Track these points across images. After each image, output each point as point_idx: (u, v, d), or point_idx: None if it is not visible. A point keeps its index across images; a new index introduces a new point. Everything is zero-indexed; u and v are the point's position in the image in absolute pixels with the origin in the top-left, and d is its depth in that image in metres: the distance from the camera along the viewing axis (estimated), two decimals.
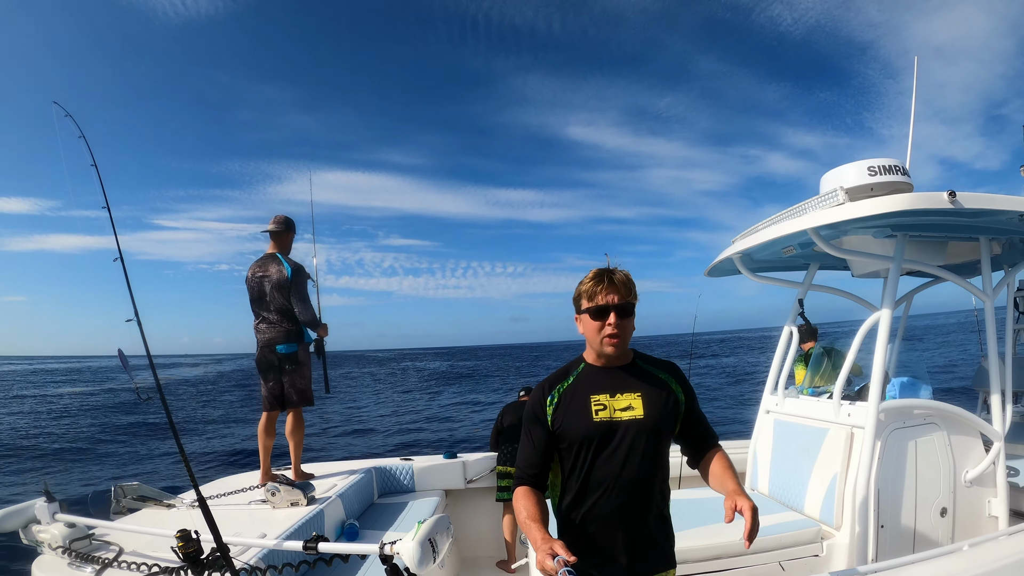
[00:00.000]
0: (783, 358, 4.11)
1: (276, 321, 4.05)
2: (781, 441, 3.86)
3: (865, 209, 2.87)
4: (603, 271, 1.84)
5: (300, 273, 4.13)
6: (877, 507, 3.01)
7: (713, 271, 4.36)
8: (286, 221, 4.25)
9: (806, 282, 4.13)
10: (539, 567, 1.46)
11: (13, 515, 2.80)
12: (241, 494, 3.72)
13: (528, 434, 1.86)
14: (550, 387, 1.86)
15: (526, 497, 1.73)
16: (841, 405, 3.36)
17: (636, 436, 1.75)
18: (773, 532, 3.12)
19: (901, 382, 3.29)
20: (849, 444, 3.18)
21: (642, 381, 1.84)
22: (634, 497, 1.76)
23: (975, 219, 3.12)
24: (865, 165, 3.34)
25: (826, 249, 3.23)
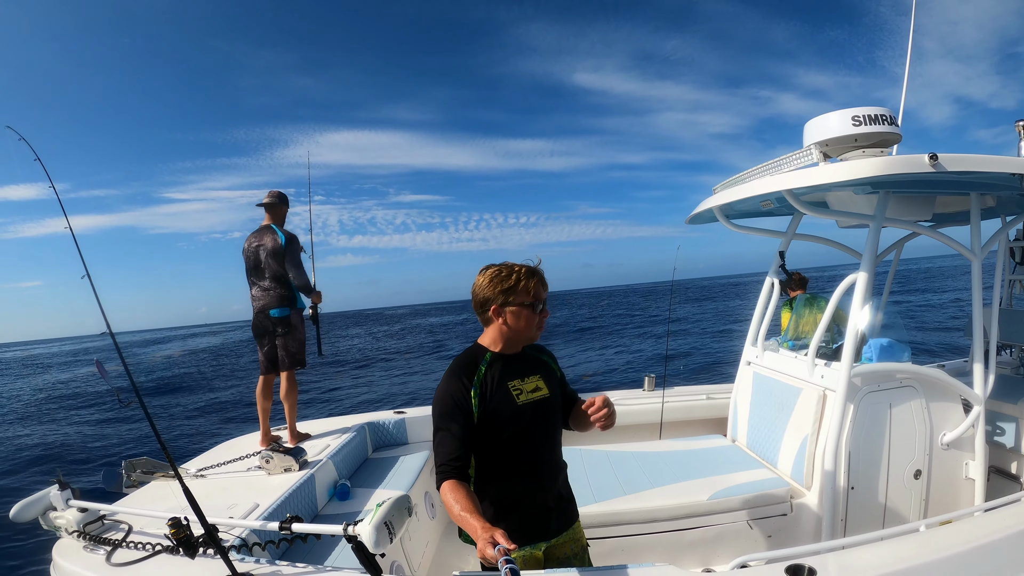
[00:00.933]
0: (764, 310, 4.07)
1: (270, 287, 4.25)
2: (759, 395, 3.89)
3: (838, 173, 2.74)
4: (535, 269, 1.98)
5: (294, 242, 4.30)
6: (848, 469, 3.05)
7: (694, 219, 4.26)
8: (279, 195, 4.43)
9: (789, 232, 4.00)
10: (480, 556, 1.56)
11: (31, 505, 3.05)
12: (240, 461, 3.97)
13: (446, 425, 1.88)
14: (468, 378, 1.91)
15: (455, 490, 1.78)
16: (816, 365, 3.34)
17: (549, 413, 2.01)
18: (743, 491, 3.21)
19: (880, 344, 3.23)
20: (821, 406, 3.20)
21: (535, 364, 2.07)
22: (553, 466, 2.04)
23: (965, 175, 2.95)
24: (850, 115, 3.14)
25: (802, 210, 3.13)
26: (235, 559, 2.40)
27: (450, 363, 2.01)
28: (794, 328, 4.09)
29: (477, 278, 1.98)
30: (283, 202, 4.43)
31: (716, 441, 4.09)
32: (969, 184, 3.09)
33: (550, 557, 2.06)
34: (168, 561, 2.59)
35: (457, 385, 1.90)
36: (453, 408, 1.88)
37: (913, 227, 3.28)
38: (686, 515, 3.15)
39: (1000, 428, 3.55)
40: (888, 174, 2.64)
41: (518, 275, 1.92)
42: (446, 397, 1.90)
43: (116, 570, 2.60)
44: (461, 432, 1.86)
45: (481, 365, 1.95)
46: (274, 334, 4.28)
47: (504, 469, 1.94)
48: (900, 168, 2.64)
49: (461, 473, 1.84)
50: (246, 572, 2.38)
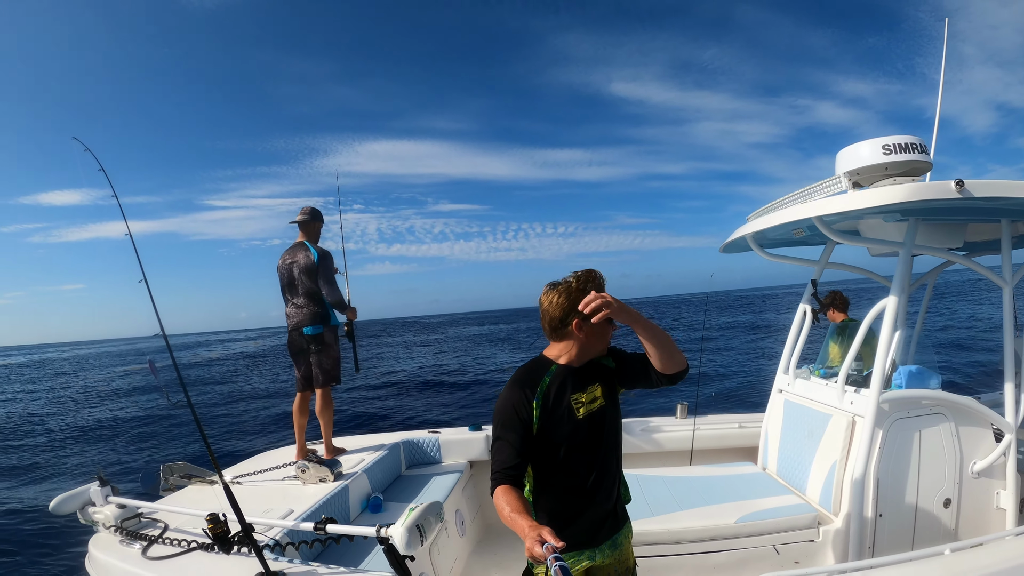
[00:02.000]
0: (796, 337, 4.07)
1: (303, 304, 4.33)
2: (790, 422, 3.88)
3: (866, 200, 2.79)
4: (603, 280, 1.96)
5: (327, 258, 4.36)
6: (876, 496, 3.02)
7: (728, 247, 4.31)
8: (312, 211, 4.50)
9: (822, 261, 4.03)
10: (528, 555, 1.55)
11: (71, 499, 3.20)
12: (276, 470, 4.08)
13: (505, 434, 1.90)
14: (531, 389, 1.92)
15: (507, 493, 1.79)
16: (845, 392, 3.34)
17: (608, 423, 1.97)
18: (770, 515, 3.19)
19: (909, 371, 3.22)
20: (850, 432, 3.18)
21: (595, 371, 2.02)
22: (610, 477, 2.01)
23: (994, 202, 2.97)
24: (880, 143, 3.21)
25: (832, 237, 3.16)
26: (268, 559, 2.49)
27: (514, 372, 2.01)
28: (824, 357, 4.08)
29: (548, 295, 1.95)
30: (316, 219, 4.50)
31: (746, 468, 4.07)
32: (999, 211, 3.10)
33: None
34: (202, 558, 2.70)
35: (519, 396, 1.90)
36: (514, 418, 1.88)
37: (944, 255, 3.30)
38: (712, 537, 3.14)
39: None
40: (915, 200, 2.68)
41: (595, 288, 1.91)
42: (507, 407, 1.90)
43: (151, 563, 2.71)
44: (519, 442, 1.87)
45: (545, 377, 1.95)
46: (308, 352, 4.35)
47: (562, 480, 1.94)
48: (926, 195, 2.68)
49: (515, 480, 1.85)
50: (279, 571, 2.47)
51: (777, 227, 3.65)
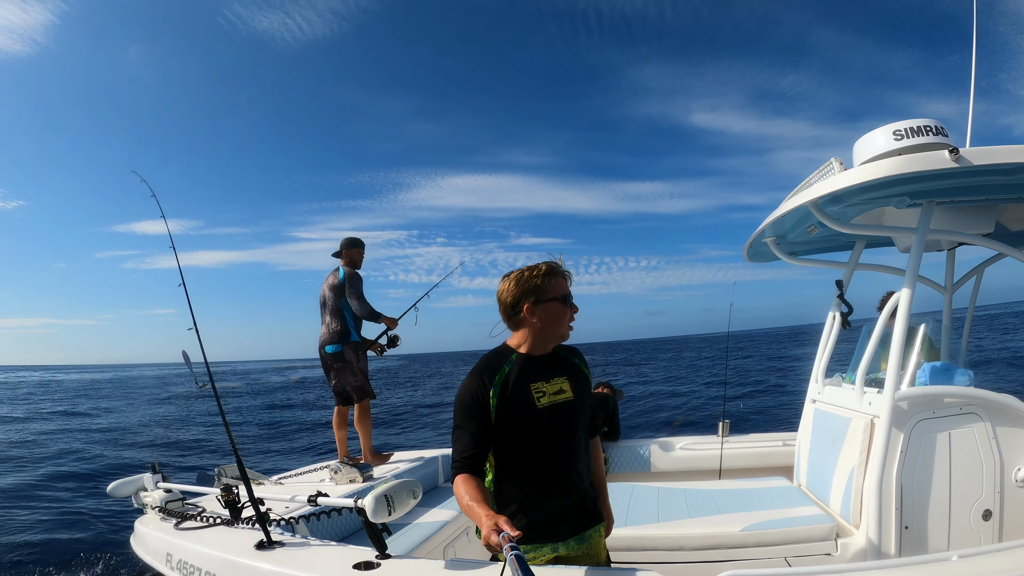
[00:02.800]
0: (826, 344, 3.79)
1: (327, 323, 4.68)
2: (818, 431, 3.60)
3: (851, 178, 2.69)
4: (557, 266, 1.99)
5: (354, 277, 4.70)
6: (900, 506, 2.73)
7: (752, 255, 4.16)
8: (346, 240, 4.92)
9: (851, 262, 3.75)
10: (484, 543, 1.57)
11: (127, 484, 3.69)
12: (316, 472, 4.39)
13: (464, 423, 1.90)
14: (489, 378, 1.91)
15: (465, 482, 1.80)
16: (864, 392, 3.07)
17: (572, 416, 1.95)
18: (782, 525, 2.97)
19: (932, 367, 2.90)
20: (868, 435, 2.92)
21: (563, 366, 2.02)
22: (574, 471, 1.97)
23: (1013, 176, 2.71)
24: (892, 129, 3.06)
25: (832, 226, 3.01)
26: (275, 531, 2.75)
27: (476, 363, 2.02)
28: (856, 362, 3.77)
29: (501, 284, 1.98)
30: (350, 246, 4.86)
31: (776, 482, 3.79)
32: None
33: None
34: (220, 530, 3.02)
35: (477, 384, 1.90)
36: (472, 406, 1.88)
37: (965, 238, 3.00)
38: (715, 546, 2.96)
39: None
40: (900, 173, 2.54)
41: (544, 272, 1.94)
42: (465, 395, 1.90)
43: (179, 533, 3.08)
44: (477, 430, 1.87)
45: (505, 366, 1.94)
46: (331, 369, 4.68)
47: (522, 470, 1.93)
48: (915, 166, 2.53)
49: (474, 469, 1.86)
50: (279, 541, 2.71)
51: (792, 227, 3.53)
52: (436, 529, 3.40)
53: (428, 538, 3.27)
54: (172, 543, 2.99)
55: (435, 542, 3.33)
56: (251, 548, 2.61)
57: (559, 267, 1.99)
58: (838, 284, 3.69)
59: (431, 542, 3.28)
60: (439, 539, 3.38)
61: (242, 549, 2.62)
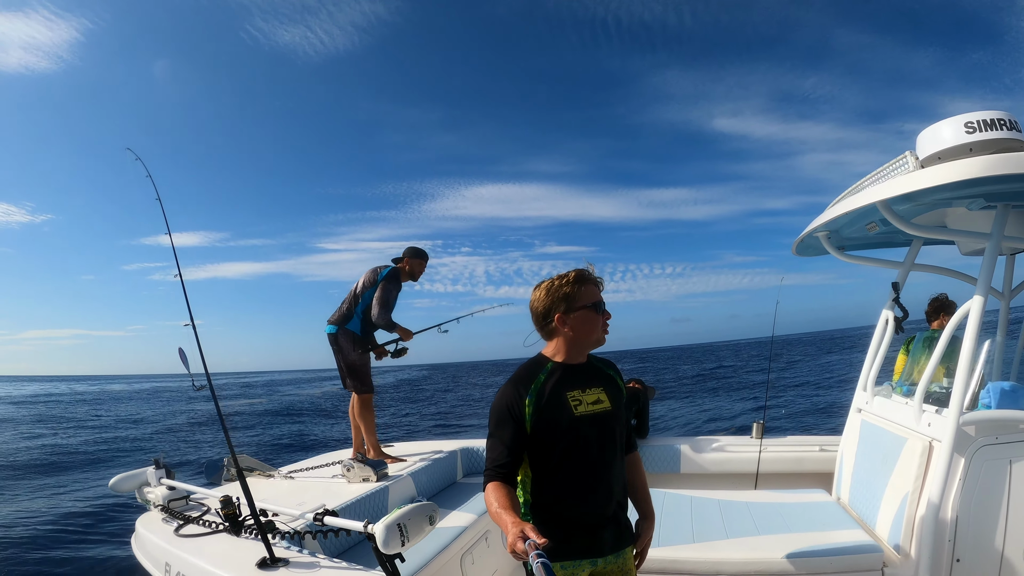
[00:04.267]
0: (876, 350, 3.52)
1: (341, 303, 4.50)
2: (865, 445, 3.35)
3: (932, 178, 2.38)
4: (586, 273, 1.96)
5: (393, 281, 4.44)
6: (954, 537, 2.51)
7: (801, 249, 3.87)
8: (409, 249, 4.68)
9: (907, 262, 3.44)
10: (510, 550, 1.55)
11: (130, 478, 3.50)
12: (329, 467, 4.21)
13: (500, 432, 1.89)
14: (524, 387, 1.89)
15: (496, 490, 1.80)
16: (924, 411, 2.82)
17: (609, 426, 1.92)
18: (827, 553, 2.75)
19: (1001, 388, 2.64)
20: (926, 459, 2.68)
21: (599, 376, 2.00)
22: (609, 483, 1.92)
23: None
24: (963, 121, 2.73)
25: (900, 226, 2.72)
26: (281, 545, 2.56)
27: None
28: (910, 372, 3.51)
29: (532, 294, 1.98)
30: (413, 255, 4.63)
31: (815, 496, 3.57)
32: None
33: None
34: (223, 540, 2.82)
35: (513, 394, 1.89)
36: (507, 415, 1.88)
37: None
38: (755, 572, 2.76)
39: None
40: (989, 175, 2.24)
41: (574, 280, 1.93)
42: (501, 405, 1.91)
43: (179, 541, 2.88)
44: (511, 440, 1.86)
45: (540, 375, 1.92)
46: (333, 353, 4.50)
47: (559, 480, 1.89)
48: (1005, 168, 2.23)
49: (506, 478, 1.85)
50: (283, 558, 2.52)
51: (848, 222, 3.23)
52: (455, 536, 3.20)
53: (446, 547, 3.08)
54: (171, 553, 2.81)
55: (453, 550, 3.14)
56: (252, 566, 2.43)
57: (589, 274, 1.97)
58: (894, 286, 3.39)
59: (449, 551, 3.09)
60: (457, 547, 3.19)
61: (242, 567, 2.44)
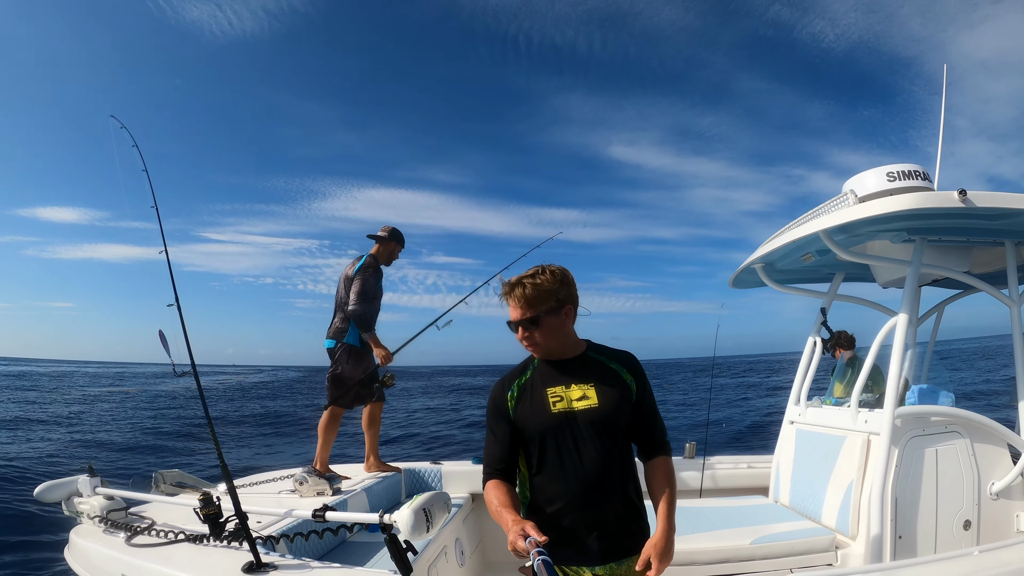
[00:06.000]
0: (807, 368, 4.04)
1: (334, 313, 4.21)
2: (802, 451, 3.79)
3: (872, 209, 2.88)
4: (508, 285, 1.87)
5: (368, 269, 4.13)
6: (895, 516, 2.92)
7: (737, 282, 4.35)
8: (391, 231, 4.36)
9: (831, 292, 4.06)
10: (511, 548, 1.55)
11: (57, 487, 3.07)
12: (274, 483, 3.93)
13: (492, 430, 1.90)
14: (509, 383, 1.91)
15: (495, 488, 1.80)
16: (859, 412, 3.28)
17: (592, 424, 1.80)
18: (785, 538, 3.06)
19: (920, 388, 3.19)
20: (866, 451, 3.11)
21: (594, 371, 1.88)
22: (596, 484, 1.79)
23: (998, 222, 3.05)
24: (884, 171, 3.34)
25: (840, 253, 3.21)
26: (261, 551, 2.38)
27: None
28: (834, 389, 4.05)
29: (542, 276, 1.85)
30: (394, 238, 4.34)
31: (757, 500, 3.94)
32: (1003, 232, 3.18)
33: None
34: (189, 548, 2.57)
35: (499, 390, 1.92)
36: (494, 412, 1.90)
37: (953, 274, 3.32)
38: (727, 559, 2.99)
39: None
40: (919, 208, 2.76)
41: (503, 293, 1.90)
42: (490, 404, 1.92)
43: (136, 550, 2.59)
44: (503, 436, 1.86)
45: (528, 370, 1.92)
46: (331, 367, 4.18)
47: (540, 476, 1.85)
48: (930, 203, 2.77)
49: (504, 475, 1.84)
50: (270, 563, 2.35)
51: (786, 254, 3.71)
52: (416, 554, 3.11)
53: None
54: (129, 563, 2.52)
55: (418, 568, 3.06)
56: (238, 572, 2.26)
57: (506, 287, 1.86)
58: (823, 311, 3.95)
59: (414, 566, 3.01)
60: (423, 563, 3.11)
61: (226, 574, 2.25)
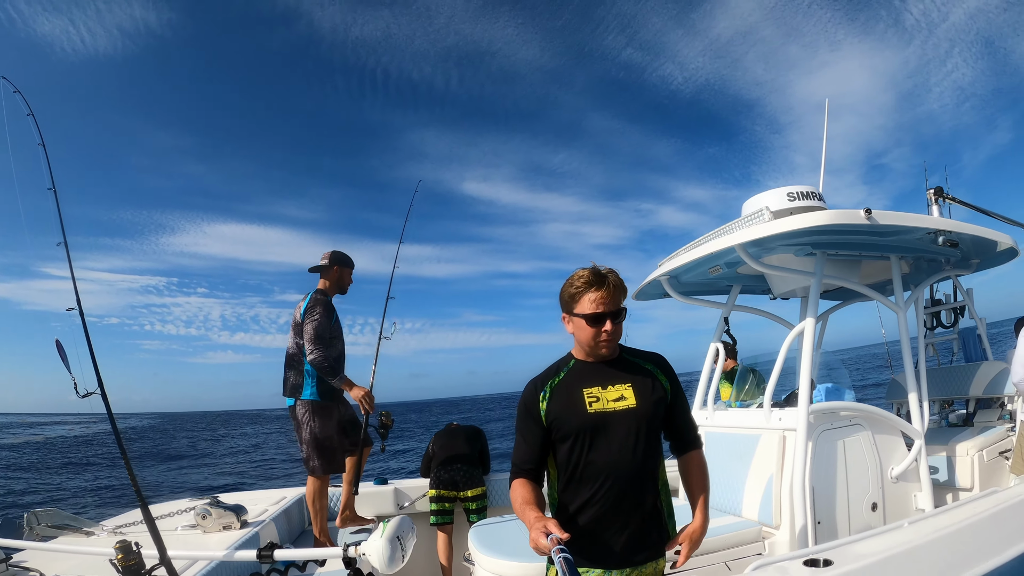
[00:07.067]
0: (710, 374, 4.31)
1: (286, 366, 3.66)
2: (713, 452, 3.97)
3: (791, 224, 3.13)
4: (597, 274, 1.81)
5: (317, 306, 3.59)
6: (813, 504, 3.19)
7: (641, 295, 4.55)
8: (332, 255, 3.83)
9: (730, 302, 4.40)
10: (533, 546, 1.53)
11: None
12: (170, 518, 3.48)
13: (522, 430, 1.88)
14: (542, 383, 1.88)
15: (522, 486, 1.78)
16: (772, 411, 3.56)
17: (630, 425, 1.79)
18: (716, 534, 3.22)
19: (826, 388, 3.54)
20: (782, 447, 3.37)
21: (630, 372, 1.88)
22: (630, 486, 1.80)
23: (886, 238, 3.46)
24: (784, 192, 3.66)
25: (753, 265, 3.45)
26: None
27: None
28: (737, 394, 4.35)
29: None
30: (338, 262, 3.81)
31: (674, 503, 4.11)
32: (890, 247, 3.62)
33: None
34: None
35: (531, 391, 1.88)
36: (525, 413, 1.87)
37: (850, 284, 3.71)
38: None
39: (935, 468, 3.88)
40: (833, 224, 3.06)
41: (582, 283, 1.81)
42: (521, 404, 1.90)
43: None
44: (533, 437, 1.84)
45: (562, 371, 1.90)
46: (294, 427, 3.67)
47: (573, 477, 1.83)
48: (843, 219, 3.08)
49: (531, 475, 1.84)
50: None
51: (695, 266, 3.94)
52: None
53: None
54: None
55: None
56: None
57: (600, 280, 1.80)
58: (725, 320, 4.25)
59: None
60: None
61: None
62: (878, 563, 2.07)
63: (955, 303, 4.81)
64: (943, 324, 4.92)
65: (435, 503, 4.41)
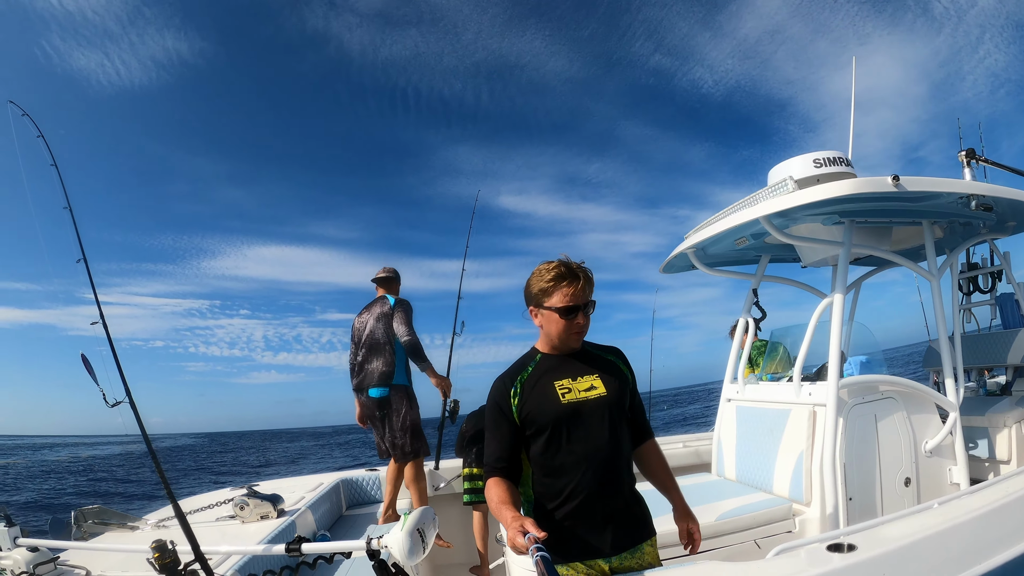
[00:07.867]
0: (740, 347, 4.24)
1: (368, 359, 3.98)
2: (745, 426, 3.96)
3: (815, 194, 3.02)
4: (569, 268, 1.84)
5: (404, 303, 4.13)
6: (844, 480, 3.12)
7: (668, 267, 4.47)
8: (394, 271, 4.36)
9: (758, 273, 4.28)
10: (510, 544, 1.53)
11: None
12: (208, 510, 3.60)
13: (493, 429, 1.88)
14: (510, 380, 1.89)
15: (497, 485, 1.79)
16: (802, 386, 3.49)
17: (604, 413, 1.84)
18: (746, 511, 3.19)
19: (860, 361, 3.45)
20: (812, 422, 3.30)
21: (595, 363, 1.94)
22: (608, 473, 1.83)
23: (917, 203, 3.31)
24: (811, 158, 3.53)
25: (779, 236, 3.36)
26: None
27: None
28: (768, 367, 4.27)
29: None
30: (398, 277, 4.37)
31: (704, 478, 4.08)
32: (922, 213, 3.47)
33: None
34: None
35: (500, 387, 1.89)
36: (495, 410, 1.88)
37: (880, 253, 3.59)
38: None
39: (973, 442, 3.77)
40: (859, 193, 2.94)
41: (552, 277, 1.83)
42: (490, 400, 1.91)
43: None
44: (503, 434, 1.85)
45: (529, 366, 1.91)
46: (375, 418, 4.00)
47: (550, 471, 1.84)
48: (869, 188, 2.95)
49: (505, 472, 1.83)
50: None
51: (721, 239, 3.84)
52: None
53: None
54: None
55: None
56: None
57: (572, 271, 1.83)
58: (754, 292, 4.14)
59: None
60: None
61: None
62: (904, 547, 2.02)
63: (992, 267, 4.62)
64: (980, 289, 4.73)
65: (468, 481, 4.47)
